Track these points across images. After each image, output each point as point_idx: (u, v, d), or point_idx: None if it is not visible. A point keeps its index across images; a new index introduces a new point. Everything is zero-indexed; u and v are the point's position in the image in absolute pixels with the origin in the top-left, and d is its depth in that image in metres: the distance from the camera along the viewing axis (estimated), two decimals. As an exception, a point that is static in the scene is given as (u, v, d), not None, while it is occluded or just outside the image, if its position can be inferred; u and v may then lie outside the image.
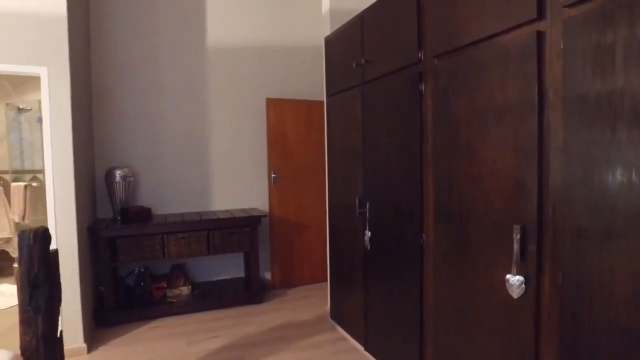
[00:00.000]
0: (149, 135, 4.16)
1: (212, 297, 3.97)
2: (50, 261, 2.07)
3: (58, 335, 2.16)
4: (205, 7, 4.33)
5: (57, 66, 2.99)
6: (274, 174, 4.39)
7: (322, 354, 3.06)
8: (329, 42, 3.45)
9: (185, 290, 3.95)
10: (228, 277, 4.47)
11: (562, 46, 1.40)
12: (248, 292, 4.10)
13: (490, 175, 1.73)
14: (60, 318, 2.20)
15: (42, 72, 2.96)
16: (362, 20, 2.82)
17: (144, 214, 3.74)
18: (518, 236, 1.57)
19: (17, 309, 4.06)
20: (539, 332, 1.53)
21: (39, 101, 4.93)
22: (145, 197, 4.13)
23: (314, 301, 4.11)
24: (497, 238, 1.70)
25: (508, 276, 1.63)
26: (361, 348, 3.03)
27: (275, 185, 4.41)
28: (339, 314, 3.43)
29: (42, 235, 2.01)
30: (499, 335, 1.72)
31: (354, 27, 2.94)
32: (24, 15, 2.92)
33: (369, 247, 2.80)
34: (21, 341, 2.03)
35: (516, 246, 1.58)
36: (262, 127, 4.51)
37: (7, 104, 5.09)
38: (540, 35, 1.48)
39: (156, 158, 4.19)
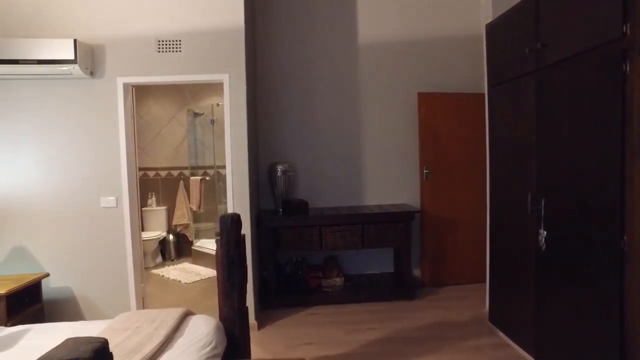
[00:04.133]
0: (305, 132, 4.45)
1: (364, 290, 4.08)
2: (241, 244, 2.34)
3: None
4: (357, 7, 4.45)
5: (236, 72, 3.38)
6: (426, 169, 4.31)
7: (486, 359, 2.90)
8: (492, 29, 3.24)
9: (338, 281, 4.12)
10: (377, 271, 4.52)
11: None
12: (399, 287, 4.10)
13: None
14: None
15: (224, 78, 3.37)
16: (538, -1, 2.57)
17: (303, 207, 4.00)
18: None
19: (199, 284, 4.75)
20: None
21: (212, 106, 5.66)
22: (302, 191, 4.42)
23: (469, 302, 3.92)
24: None
25: None
26: (530, 358, 2.79)
27: (428, 181, 4.32)
28: (501, 318, 3.21)
29: (237, 221, 2.27)
30: None
31: (527, 8, 2.70)
32: (210, 31, 3.35)
33: (543, 248, 2.56)
34: (221, 311, 2.33)
35: None
36: (413, 122, 4.46)
37: (188, 110, 5.94)
38: None
39: (311, 153, 4.46)
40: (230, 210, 3.42)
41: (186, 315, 2.36)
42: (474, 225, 4.29)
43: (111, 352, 0.77)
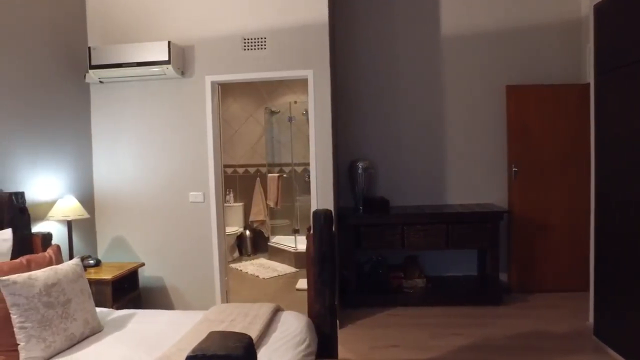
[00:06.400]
0: (386, 128, 4.34)
1: (447, 292, 3.91)
2: (333, 241, 2.30)
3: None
4: (440, -2, 4.27)
5: (320, 69, 3.36)
6: (514, 167, 4.02)
7: (594, 377, 2.63)
8: (602, 9, 2.92)
9: (420, 282, 3.97)
10: (459, 274, 4.31)
11: None
12: (484, 292, 3.88)
13: None
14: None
15: (309, 74, 3.36)
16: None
17: (384, 205, 3.91)
18: None
19: (277, 280, 4.82)
20: None
21: (289, 104, 5.73)
22: (383, 188, 4.32)
23: (564, 312, 3.60)
24: None
25: None
26: (649, 380, 2.48)
27: (517, 180, 4.03)
28: (611, 334, 2.89)
29: (329, 218, 2.23)
30: None
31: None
32: (294, 28, 3.36)
33: (671, 256, 2.25)
34: (311, 308, 2.31)
35: None
36: (500, 117, 4.18)
37: (265, 108, 6.06)
38: None
39: (392, 150, 4.35)
40: (314, 208, 3.41)
41: (277, 310, 2.37)
42: (570, 228, 3.95)
43: (255, 350, 0.75)
